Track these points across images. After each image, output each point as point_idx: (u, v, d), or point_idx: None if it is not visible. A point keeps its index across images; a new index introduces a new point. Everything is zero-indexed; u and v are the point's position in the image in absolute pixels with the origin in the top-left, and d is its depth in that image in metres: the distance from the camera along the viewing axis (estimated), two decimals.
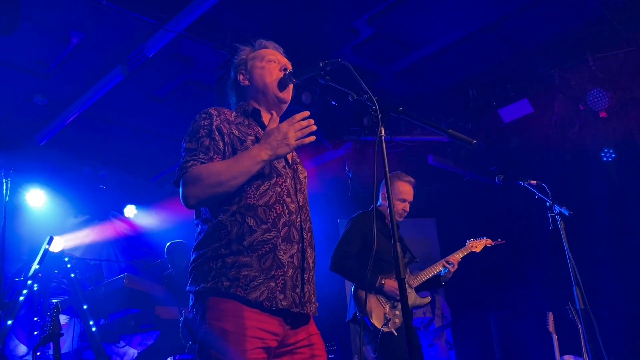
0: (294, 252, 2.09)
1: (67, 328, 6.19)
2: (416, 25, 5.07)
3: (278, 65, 2.35)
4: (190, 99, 5.94)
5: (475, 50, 5.49)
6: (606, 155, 6.04)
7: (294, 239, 2.10)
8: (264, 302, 1.97)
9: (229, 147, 2.12)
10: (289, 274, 2.05)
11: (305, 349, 2.11)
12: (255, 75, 2.34)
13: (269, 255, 2.02)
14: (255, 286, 1.97)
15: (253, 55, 2.39)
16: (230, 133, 2.15)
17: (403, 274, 1.87)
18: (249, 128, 2.22)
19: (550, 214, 4.16)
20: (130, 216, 8.01)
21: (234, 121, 2.20)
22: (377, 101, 2.06)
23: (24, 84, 5.45)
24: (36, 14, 4.43)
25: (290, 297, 2.03)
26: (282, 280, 2.02)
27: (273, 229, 2.05)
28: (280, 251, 2.04)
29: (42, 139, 6.36)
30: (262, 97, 2.34)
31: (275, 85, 2.31)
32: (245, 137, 2.16)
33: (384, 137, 2.03)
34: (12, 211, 5.96)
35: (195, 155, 2.07)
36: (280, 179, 2.15)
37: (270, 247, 2.03)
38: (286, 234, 2.08)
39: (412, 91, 6.32)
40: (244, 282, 1.97)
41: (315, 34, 5.08)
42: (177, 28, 4.54)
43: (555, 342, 4.98)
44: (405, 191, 4.32)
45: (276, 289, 2.00)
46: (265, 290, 1.98)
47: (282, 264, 2.04)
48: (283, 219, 2.09)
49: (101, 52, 5.02)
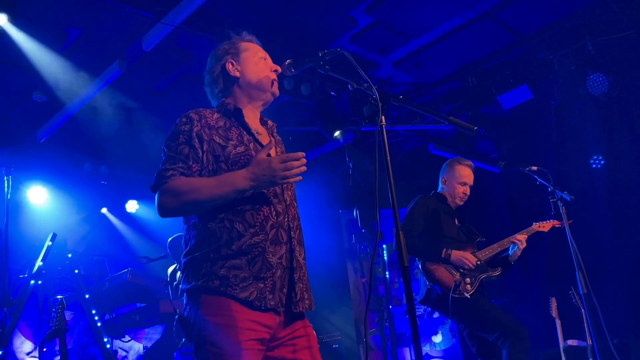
0: (282, 253, 2.09)
1: (72, 324, 6.22)
2: (414, 13, 5.05)
3: (269, 65, 2.34)
4: (189, 93, 5.91)
5: (474, 37, 5.46)
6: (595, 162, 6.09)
7: (282, 240, 2.10)
8: (254, 302, 1.99)
9: (208, 155, 2.10)
10: (277, 274, 2.05)
11: (302, 340, 2.13)
12: (248, 69, 2.30)
13: (258, 259, 2.03)
14: (244, 287, 1.99)
15: (244, 46, 2.35)
16: (211, 140, 2.12)
17: (406, 262, 1.88)
18: (229, 131, 2.18)
19: (552, 200, 4.17)
20: (132, 211, 8.02)
21: (214, 125, 2.16)
22: (377, 90, 2.05)
23: (22, 81, 5.44)
24: (33, 11, 4.41)
25: (277, 297, 2.04)
26: (271, 281, 2.03)
27: (261, 232, 2.05)
28: (269, 254, 2.05)
29: (42, 136, 6.35)
30: (253, 91, 2.31)
31: (268, 82, 2.30)
32: (227, 143, 2.13)
33: (384, 126, 2.03)
34: (14, 209, 5.96)
35: (175, 164, 2.07)
36: None
37: (259, 251, 2.04)
38: (274, 236, 2.08)
39: (411, 80, 6.31)
40: (234, 281, 1.98)
41: (313, 24, 5.06)
42: (174, 22, 4.52)
43: (559, 327, 5.00)
44: (466, 175, 4.41)
45: (265, 290, 2.01)
46: (255, 291, 2.00)
47: (271, 266, 2.04)
48: (271, 221, 2.09)
49: (99, 48, 5.00)
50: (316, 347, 2.18)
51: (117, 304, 5.89)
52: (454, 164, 4.46)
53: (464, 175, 4.40)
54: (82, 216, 7.79)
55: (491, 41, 5.63)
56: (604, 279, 5.81)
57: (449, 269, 4.07)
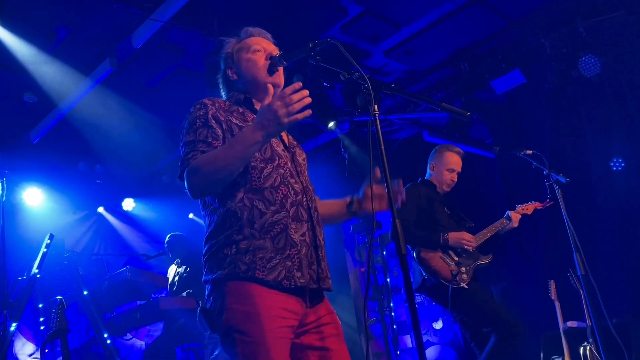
0: (304, 230, 2.10)
1: (73, 324, 6.22)
2: (405, 0, 5.03)
3: (264, 54, 2.31)
4: (182, 88, 5.90)
5: (464, 23, 5.45)
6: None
7: (302, 218, 2.11)
8: (282, 282, 1.98)
9: (227, 135, 2.11)
10: (303, 252, 2.06)
11: (329, 327, 2.13)
12: (242, 68, 2.32)
13: (282, 235, 2.03)
14: (272, 267, 1.98)
15: (239, 47, 2.36)
16: (228, 120, 2.15)
17: (403, 250, 1.88)
18: (245, 114, 2.22)
19: (548, 183, 4.18)
20: (129, 209, 8.01)
21: (228, 109, 2.20)
22: (369, 79, 2.05)
23: (13, 83, 5.41)
24: (21, 12, 4.38)
25: (307, 275, 2.05)
26: (298, 258, 2.04)
27: (282, 210, 2.06)
28: (292, 230, 2.06)
29: (35, 137, 6.32)
30: (252, 88, 2.31)
31: (264, 74, 2.27)
32: (244, 124, 2.16)
33: (377, 115, 2.02)
34: (9, 211, 5.95)
35: (195, 146, 2.06)
36: (282, 160, 2.16)
37: (282, 227, 2.04)
38: (295, 213, 2.09)
39: (403, 68, 6.29)
40: (261, 264, 1.98)
41: (303, 15, 5.04)
42: (163, 17, 4.49)
43: (558, 309, 5.03)
44: (454, 161, 4.42)
45: (293, 268, 2.01)
46: (283, 269, 1.99)
47: (295, 243, 2.05)
48: (290, 199, 2.10)
49: (89, 46, 4.97)
50: (342, 334, 2.19)
51: (117, 302, 5.89)
52: (442, 150, 4.47)
53: (452, 162, 4.41)
54: (78, 216, 7.78)
55: (482, 26, 5.62)
56: (602, 259, 5.83)
57: (444, 258, 4.09)
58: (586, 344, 4.67)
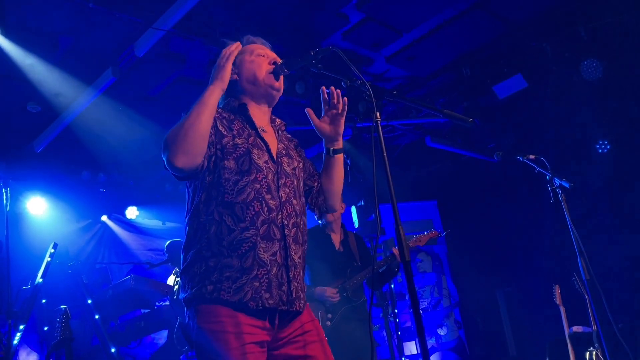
0: (276, 249, 2.07)
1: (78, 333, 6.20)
2: (406, 6, 5.03)
3: (267, 59, 2.34)
4: (184, 96, 5.90)
5: (466, 28, 5.45)
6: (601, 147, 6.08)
7: (275, 237, 2.08)
8: (249, 303, 1.98)
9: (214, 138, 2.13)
10: (273, 272, 2.04)
11: (299, 338, 2.12)
12: (244, 69, 2.33)
13: (249, 254, 2.02)
14: (238, 287, 1.98)
15: (242, 49, 2.38)
16: (214, 126, 2.16)
17: (407, 257, 1.88)
18: (233, 123, 2.23)
19: (551, 187, 4.16)
20: (133, 217, 8.02)
21: (219, 117, 2.20)
22: (371, 86, 2.05)
23: (16, 93, 5.43)
24: (24, 22, 4.40)
25: (277, 296, 2.03)
26: (267, 279, 2.02)
27: (251, 227, 2.04)
28: (261, 249, 2.03)
29: (39, 146, 6.34)
30: (252, 88, 2.32)
31: (267, 76, 2.30)
32: (228, 133, 2.17)
33: (380, 121, 2.02)
34: (14, 220, 5.95)
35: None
36: (260, 174, 2.13)
37: (250, 246, 2.02)
38: (266, 231, 2.06)
39: (405, 73, 6.30)
40: (227, 284, 1.98)
41: (305, 22, 5.05)
42: (165, 26, 4.51)
43: (564, 314, 5.00)
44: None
45: (261, 289, 2.00)
46: (250, 290, 1.99)
47: (264, 263, 2.03)
48: (262, 216, 2.07)
49: (91, 56, 4.99)
50: (325, 340, 2.19)
51: (122, 311, 5.89)
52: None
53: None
54: (82, 225, 7.78)
55: (483, 31, 5.62)
56: (606, 263, 5.81)
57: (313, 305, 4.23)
58: (592, 349, 4.65)
